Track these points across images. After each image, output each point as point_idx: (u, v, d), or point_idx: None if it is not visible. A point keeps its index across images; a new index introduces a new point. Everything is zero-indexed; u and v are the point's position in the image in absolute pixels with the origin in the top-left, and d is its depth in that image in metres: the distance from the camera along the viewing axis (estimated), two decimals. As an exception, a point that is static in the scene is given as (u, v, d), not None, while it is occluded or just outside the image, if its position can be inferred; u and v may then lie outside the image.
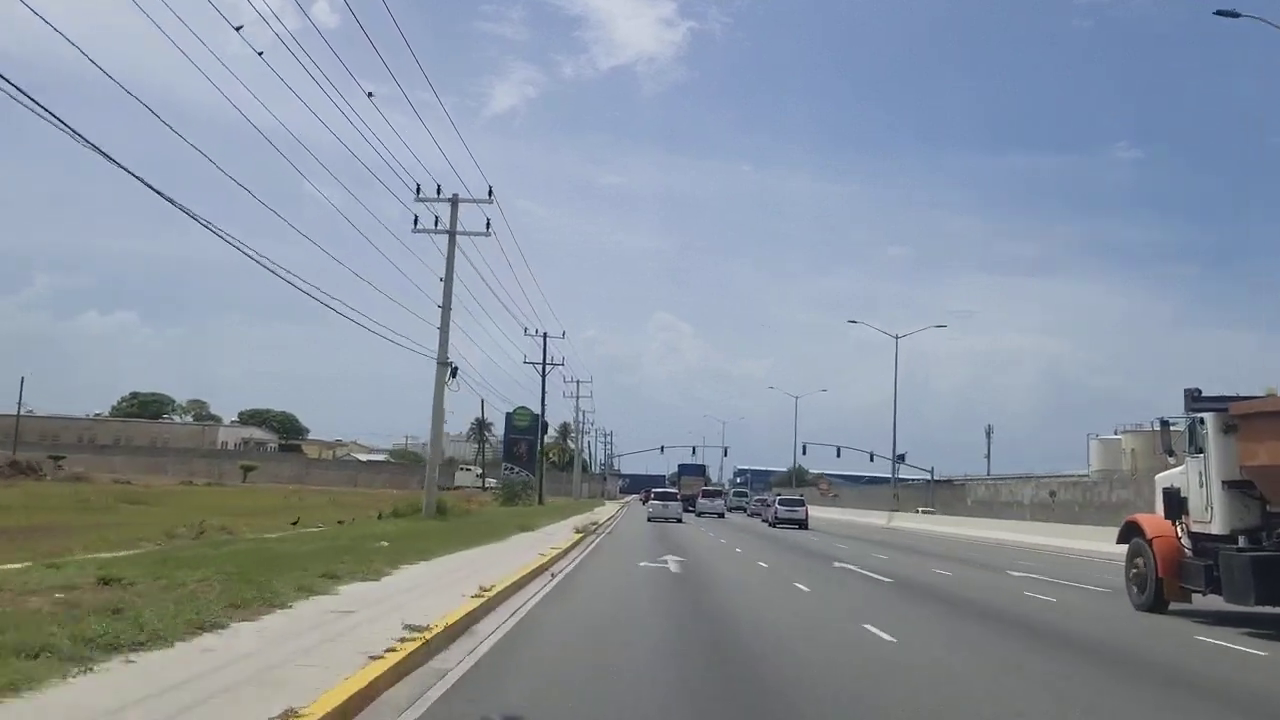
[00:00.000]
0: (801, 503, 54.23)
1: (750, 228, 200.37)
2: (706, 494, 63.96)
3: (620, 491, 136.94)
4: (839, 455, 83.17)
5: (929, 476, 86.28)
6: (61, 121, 10.33)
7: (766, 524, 52.57)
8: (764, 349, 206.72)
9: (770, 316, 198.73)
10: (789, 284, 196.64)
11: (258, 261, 17.11)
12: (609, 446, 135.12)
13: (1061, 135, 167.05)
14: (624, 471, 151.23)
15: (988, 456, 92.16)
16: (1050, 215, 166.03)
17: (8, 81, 9.33)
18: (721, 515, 61.25)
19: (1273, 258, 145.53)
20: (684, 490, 74.98)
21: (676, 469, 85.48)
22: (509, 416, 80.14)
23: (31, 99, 9.66)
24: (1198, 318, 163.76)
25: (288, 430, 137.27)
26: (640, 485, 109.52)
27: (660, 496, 52.35)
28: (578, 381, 75.61)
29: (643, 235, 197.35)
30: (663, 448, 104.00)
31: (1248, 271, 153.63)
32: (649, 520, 47.30)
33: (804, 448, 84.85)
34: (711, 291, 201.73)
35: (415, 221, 30.70)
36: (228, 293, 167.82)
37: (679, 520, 47.64)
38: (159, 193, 12.82)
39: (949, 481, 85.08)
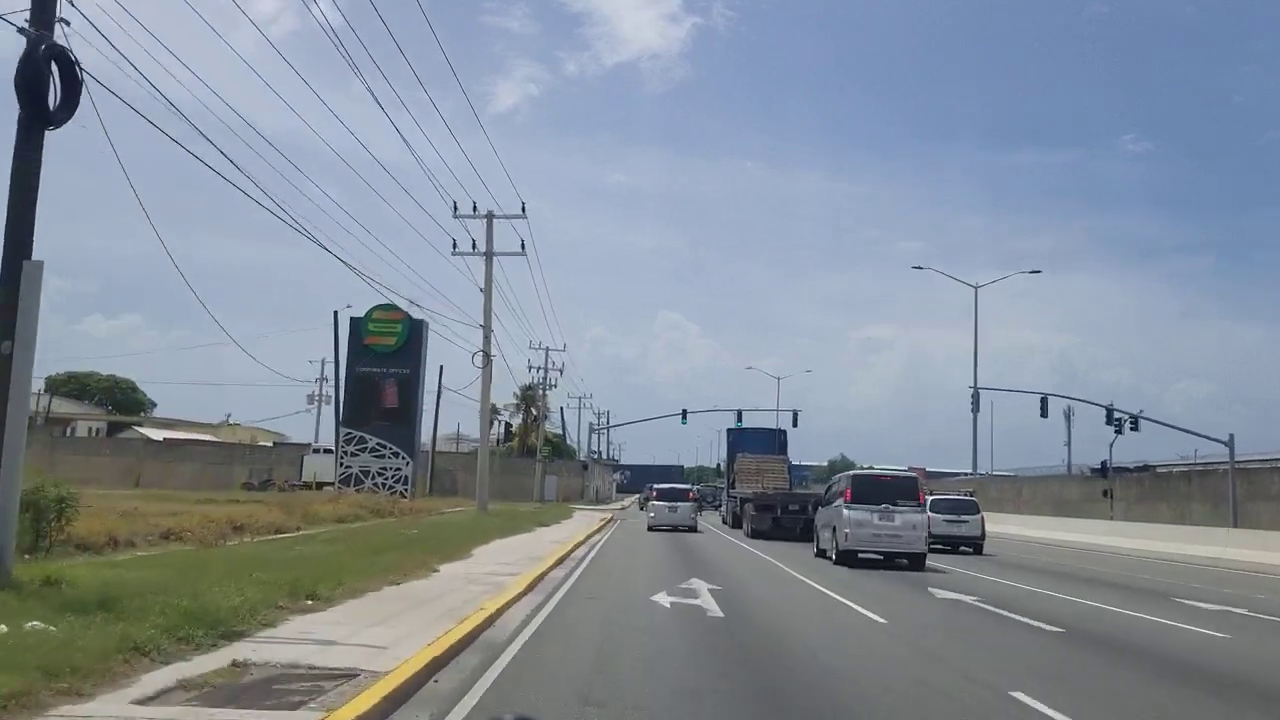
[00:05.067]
0: (974, 508, 31.96)
1: (758, 226, 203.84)
2: (854, 500, 20.85)
3: (618, 490, 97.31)
4: (1044, 414, 44.41)
5: (1224, 451, 47.71)
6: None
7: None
8: (773, 348, 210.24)
9: (780, 315, 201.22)
10: (798, 283, 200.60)
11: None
12: (601, 421, 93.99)
13: (1070, 129, 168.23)
14: (625, 462, 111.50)
15: (1068, 445, 76.15)
16: (1060, 210, 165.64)
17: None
18: (919, 561, 21.74)
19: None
20: (744, 482, 39.79)
21: (727, 441, 45.52)
22: (356, 326, 40.12)
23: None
24: (1207, 311, 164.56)
25: (120, 404, 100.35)
26: (647, 480, 69.33)
27: (665, 496, 37.40)
28: (489, 215, 34.22)
29: (649, 234, 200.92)
30: (685, 413, 63.03)
31: (1257, 265, 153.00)
32: (650, 529, 34.76)
33: (974, 396, 44.51)
34: (719, 291, 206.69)
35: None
36: (226, 293, 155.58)
37: (691, 529, 35.06)
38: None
39: (1225, 466, 46.28)
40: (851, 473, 21.04)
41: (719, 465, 54.35)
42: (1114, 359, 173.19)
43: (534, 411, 73.58)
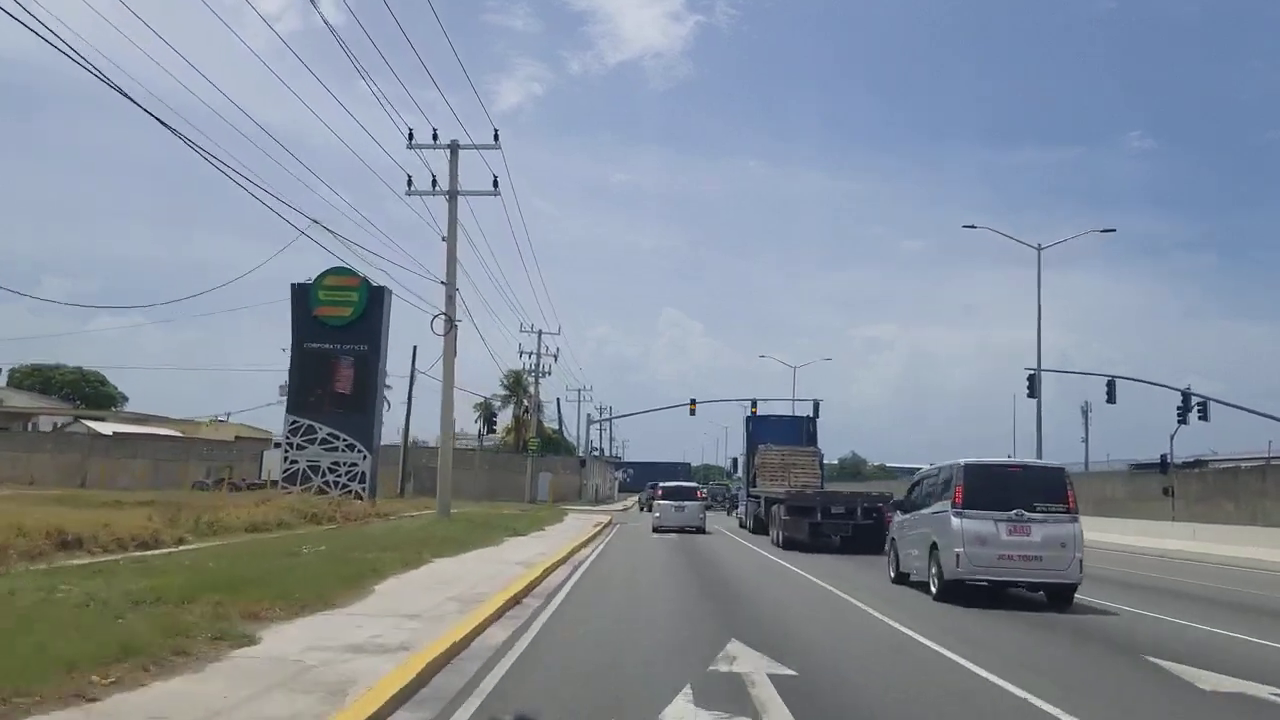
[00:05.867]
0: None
1: (760, 225, 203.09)
2: (969, 504, 13.73)
3: (620, 489, 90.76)
4: (1111, 399, 37.45)
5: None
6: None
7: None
8: (775, 346, 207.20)
9: (782, 314, 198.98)
10: (800, 281, 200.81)
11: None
12: (602, 415, 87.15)
13: (1072, 127, 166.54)
14: (627, 460, 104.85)
15: (1085, 441, 74.60)
16: (1062, 208, 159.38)
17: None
18: (1066, 595, 14.37)
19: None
20: (767, 479, 33.58)
21: (745, 430, 39.09)
22: (304, 295, 33.65)
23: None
24: (1209, 310, 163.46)
25: (89, 398, 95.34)
26: (651, 479, 62.89)
27: (671, 494, 34.32)
28: (453, 144, 27.40)
29: (651, 233, 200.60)
30: (693, 403, 56.05)
31: (1259, 263, 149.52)
32: (655, 530, 32.28)
33: (1031, 380, 37.75)
34: (721, 290, 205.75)
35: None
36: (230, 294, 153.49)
37: (699, 529, 32.61)
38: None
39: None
40: (963, 462, 13.82)
41: (735, 460, 47.74)
42: (1117, 357, 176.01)
43: (524, 402, 66.74)
